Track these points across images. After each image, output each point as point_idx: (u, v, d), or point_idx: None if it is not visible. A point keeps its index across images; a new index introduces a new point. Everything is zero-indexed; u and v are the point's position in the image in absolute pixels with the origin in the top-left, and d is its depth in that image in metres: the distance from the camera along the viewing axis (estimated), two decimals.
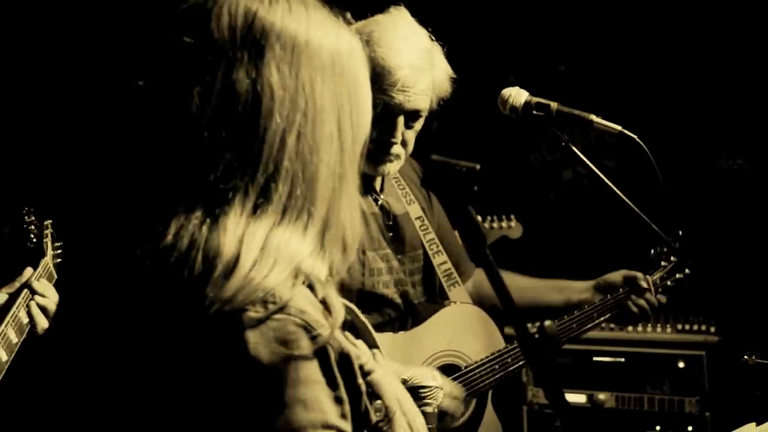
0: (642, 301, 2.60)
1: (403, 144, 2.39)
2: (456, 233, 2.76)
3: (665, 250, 2.64)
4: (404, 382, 1.44)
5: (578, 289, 2.71)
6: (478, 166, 1.42)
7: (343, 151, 1.14)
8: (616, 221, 3.11)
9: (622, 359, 3.26)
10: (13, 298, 2.23)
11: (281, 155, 1.09)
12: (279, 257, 1.05)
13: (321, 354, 1.04)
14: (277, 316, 1.03)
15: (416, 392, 1.42)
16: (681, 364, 3.18)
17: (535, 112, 2.32)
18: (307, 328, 1.04)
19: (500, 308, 2.68)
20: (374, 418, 1.12)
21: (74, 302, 1.19)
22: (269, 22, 1.11)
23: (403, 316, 2.50)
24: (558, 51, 3.54)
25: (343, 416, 1.06)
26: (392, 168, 2.42)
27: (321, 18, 1.15)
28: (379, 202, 2.54)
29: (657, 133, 2.38)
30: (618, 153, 3.51)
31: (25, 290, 2.23)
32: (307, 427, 1.02)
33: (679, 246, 2.50)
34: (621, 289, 2.61)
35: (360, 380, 1.09)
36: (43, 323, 2.21)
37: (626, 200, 2.33)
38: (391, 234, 2.53)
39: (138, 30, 2.60)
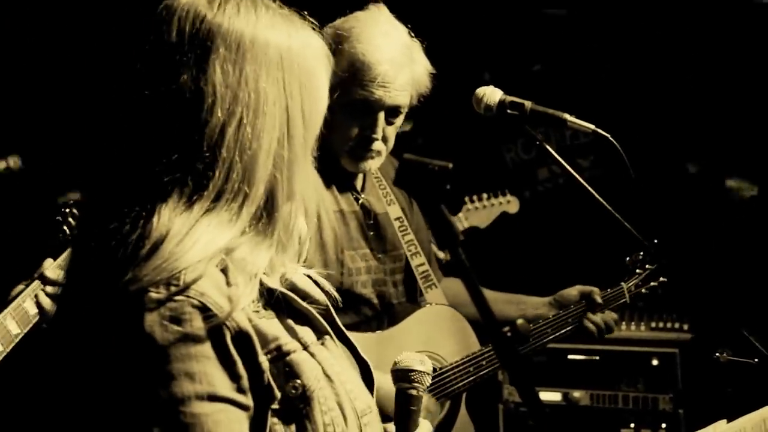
0: (598, 320, 2.61)
1: (384, 140, 2.39)
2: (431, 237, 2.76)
3: (641, 257, 2.65)
4: (395, 363, 1.46)
5: (534, 304, 2.72)
6: (450, 165, 1.43)
7: (292, 138, 1.25)
8: (591, 219, 3.12)
9: (597, 357, 3.27)
10: (24, 288, 2.19)
11: (220, 145, 1.20)
12: (201, 239, 1.16)
13: (215, 333, 1.14)
14: (177, 297, 1.13)
15: (405, 374, 1.44)
16: (655, 362, 3.20)
17: (509, 111, 2.32)
18: (204, 309, 1.14)
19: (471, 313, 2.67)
20: (280, 394, 1.20)
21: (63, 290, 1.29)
22: (216, 24, 1.22)
23: (379, 316, 2.49)
24: (533, 50, 3.54)
25: (241, 390, 1.16)
26: (373, 164, 2.42)
27: (270, 18, 1.25)
28: (360, 201, 2.52)
29: (631, 132, 2.39)
30: (592, 152, 3.52)
31: (36, 281, 2.18)
32: (192, 397, 1.12)
33: (655, 253, 2.51)
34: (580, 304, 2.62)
35: (261, 358, 1.18)
36: (52, 312, 2.15)
37: (600, 199, 2.33)
38: (371, 233, 2.52)
39: (98, 36, 2.61)
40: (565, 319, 2.62)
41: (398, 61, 2.33)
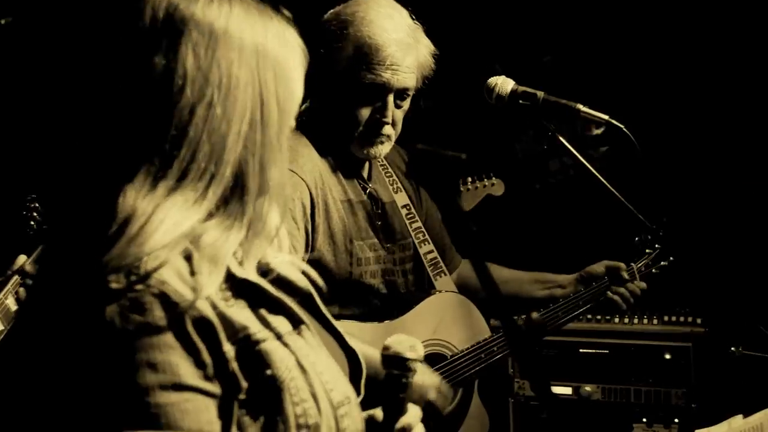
0: (623, 290, 2.61)
1: (393, 124, 2.38)
2: (442, 225, 2.75)
3: (649, 237, 2.65)
4: (385, 348, 1.44)
5: (561, 282, 2.72)
6: (464, 156, 1.41)
7: (266, 123, 1.26)
8: (601, 210, 3.10)
9: (608, 351, 3.24)
10: (1, 285, 2.18)
11: (187, 125, 1.21)
12: (166, 222, 1.17)
13: (176, 322, 1.15)
14: (137, 286, 1.14)
15: (395, 361, 1.42)
16: (667, 356, 3.16)
17: (521, 101, 2.30)
18: (164, 298, 1.14)
19: (485, 299, 2.69)
20: (249, 384, 1.20)
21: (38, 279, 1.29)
22: (189, 12, 1.24)
23: (388, 305, 2.48)
24: (544, 40, 3.51)
25: (207, 378, 1.16)
26: (383, 149, 2.41)
27: (243, 11, 1.27)
28: (368, 190, 2.51)
29: (644, 123, 2.36)
30: (604, 143, 3.49)
31: (15, 276, 2.18)
32: (156, 387, 1.13)
33: (662, 233, 2.51)
34: (604, 279, 2.62)
35: (226, 347, 1.18)
36: None
37: (610, 188, 2.32)
38: (379, 222, 2.51)
39: (79, 21, 2.61)
40: (590, 293, 2.63)
41: (405, 43, 2.33)
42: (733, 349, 2.54)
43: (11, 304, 2.14)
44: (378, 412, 1.44)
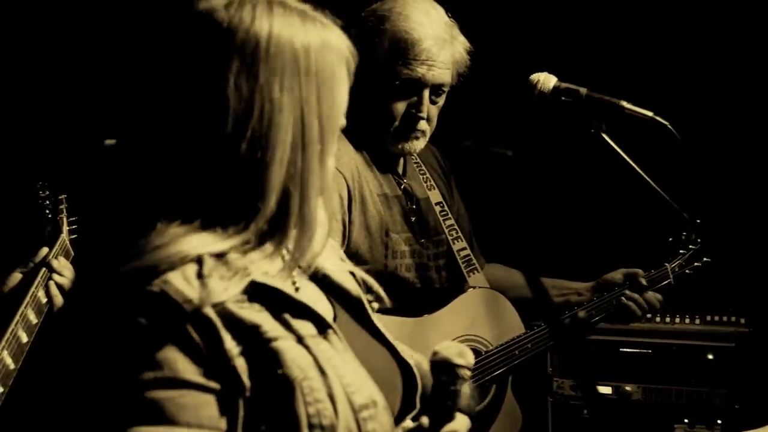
0: (637, 297, 2.60)
1: (428, 120, 2.40)
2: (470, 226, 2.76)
3: (683, 237, 2.63)
4: (434, 354, 1.45)
5: (578, 290, 2.72)
6: (510, 152, 1.40)
7: (306, 146, 1.24)
8: (637, 211, 3.07)
9: (650, 351, 3.21)
10: (30, 277, 2.20)
11: (231, 159, 1.19)
12: (193, 242, 1.18)
13: (175, 320, 1.16)
14: (140, 285, 1.16)
15: (444, 367, 1.42)
16: (710, 356, 3.12)
17: (563, 97, 2.29)
18: (164, 296, 1.16)
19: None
20: (257, 383, 1.20)
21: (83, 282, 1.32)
22: (231, 32, 1.21)
23: (423, 300, 2.49)
24: (588, 37, 3.49)
25: (206, 375, 1.18)
26: (419, 145, 2.43)
27: (286, 19, 1.24)
28: (402, 186, 2.52)
29: (685, 120, 2.34)
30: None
31: (44, 269, 2.21)
32: (154, 383, 1.15)
33: (697, 233, 2.48)
34: (626, 282, 2.61)
35: (228, 345, 1.18)
36: (59, 302, 2.18)
37: (654, 185, 2.29)
38: (413, 218, 2.52)
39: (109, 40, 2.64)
40: (609, 300, 2.62)
41: (441, 38, 2.35)
42: None
43: (42, 297, 2.16)
44: (425, 420, 1.43)
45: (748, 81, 3.43)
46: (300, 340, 1.25)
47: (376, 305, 1.52)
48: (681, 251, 2.67)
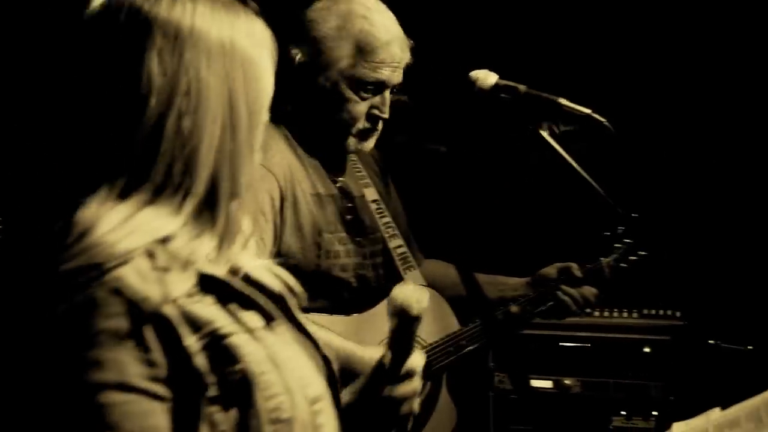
0: (573, 291, 2.63)
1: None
2: (407, 223, 2.76)
3: (619, 232, 2.66)
4: (393, 299, 1.50)
5: (513, 286, 2.73)
6: (443, 149, 1.41)
7: (236, 129, 1.23)
8: (572, 201, 3.11)
9: (589, 345, 3.26)
10: None
11: (158, 137, 1.18)
12: (139, 230, 1.15)
13: (129, 319, 1.11)
14: (92, 283, 1.11)
15: (403, 312, 1.48)
16: (647, 349, 3.18)
17: (503, 94, 2.30)
18: (118, 294, 1.11)
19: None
20: (218, 379, 1.17)
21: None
22: (153, 15, 1.21)
23: (358, 299, 2.48)
24: (533, 34, 3.52)
25: (156, 380, 1.12)
26: (372, 143, 2.44)
27: (209, 8, 1.24)
28: (338, 184, 2.51)
29: (627, 118, 2.37)
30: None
31: None
32: (101, 386, 1.10)
33: (633, 228, 2.52)
34: (561, 278, 2.64)
35: (188, 342, 1.14)
36: None
37: (592, 182, 2.31)
38: (349, 216, 2.51)
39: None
40: (543, 295, 2.64)
41: (403, 40, 2.37)
42: (711, 342, 2.56)
43: None
44: (387, 355, 1.51)
45: (685, 75, 3.49)
46: (250, 332, 1.23)
47: (298, 301, 1.51)
48: (616, 246, 2.71)
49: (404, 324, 1.49)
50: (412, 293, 1.49)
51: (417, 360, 1.55)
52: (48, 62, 1.27)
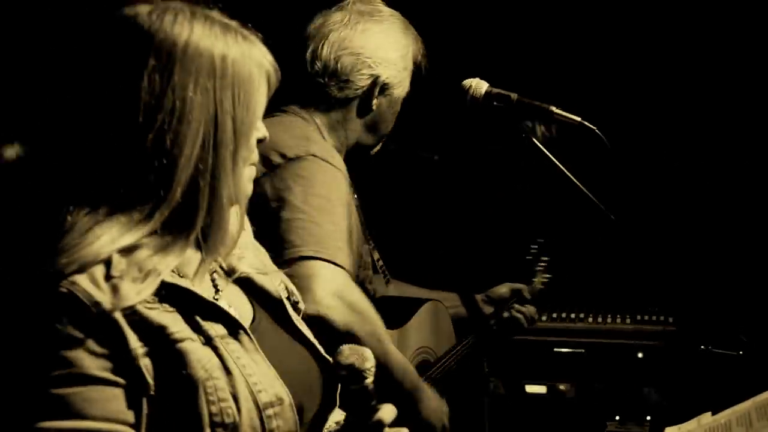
0: (525, 309, 2.71)
1: None
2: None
3: (533, 252, 2.76)
4: (338, 364, 1.44)
5: (454, 301, 2.75)
6: (436, 157, 1.43)
7: (219, 145, 1.29)
8: (565, 215, 3.13)
9: (583, 350, 3.28)
10: None
11: (137, 150, 1.25)
12: (104, 236, 1.22)
13: (80, 320, 1.20)
14: (49, 286, 1.20)
15: (355, 374, 1.42)
16: (640, 355, 3.20)
17: (495, 102, 2.31)
18: (71, 297, 1.20)
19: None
20: (161, 382, 1.25)
21: None
22: (150, 34, 1.28)
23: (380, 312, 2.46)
24: (524, 44, 3.54)
25: (113, 371, 1.22)
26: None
27: (207, 28, 1.30)
28: (355, 194, 2.50)
29: (620, 126, 2.39)
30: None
31: None
32: (61, 379, 1.19)
33: (539, 249, 2.71)
34: (514, 298, 2.70)
35: (134, 345, 1.23)
36: None
37: (584, 189, 2.32)
38: (363, 227, 2.50)
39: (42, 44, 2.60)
40: (500, 314, 2.72)
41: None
42: (703, 347, 2.58)
43: None
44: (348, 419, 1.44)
45: (672, 82, 3.51)
46: (209, 340, 1.29)
47: (301, 307, 1.54)
48: (536, 268, 2.80)
49: (360, 389, 1.40)
50: (356, 354, 1.41)
51: (387, 411, 1.41)
52: (48, 62, 1.31)
